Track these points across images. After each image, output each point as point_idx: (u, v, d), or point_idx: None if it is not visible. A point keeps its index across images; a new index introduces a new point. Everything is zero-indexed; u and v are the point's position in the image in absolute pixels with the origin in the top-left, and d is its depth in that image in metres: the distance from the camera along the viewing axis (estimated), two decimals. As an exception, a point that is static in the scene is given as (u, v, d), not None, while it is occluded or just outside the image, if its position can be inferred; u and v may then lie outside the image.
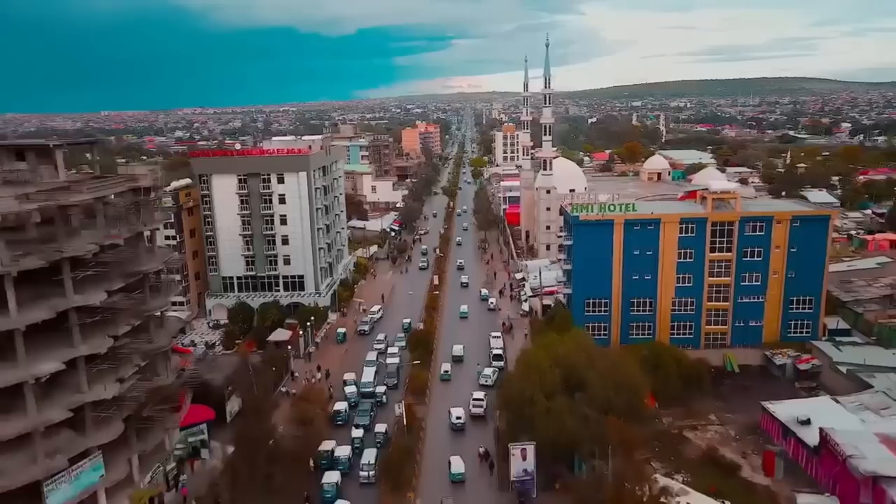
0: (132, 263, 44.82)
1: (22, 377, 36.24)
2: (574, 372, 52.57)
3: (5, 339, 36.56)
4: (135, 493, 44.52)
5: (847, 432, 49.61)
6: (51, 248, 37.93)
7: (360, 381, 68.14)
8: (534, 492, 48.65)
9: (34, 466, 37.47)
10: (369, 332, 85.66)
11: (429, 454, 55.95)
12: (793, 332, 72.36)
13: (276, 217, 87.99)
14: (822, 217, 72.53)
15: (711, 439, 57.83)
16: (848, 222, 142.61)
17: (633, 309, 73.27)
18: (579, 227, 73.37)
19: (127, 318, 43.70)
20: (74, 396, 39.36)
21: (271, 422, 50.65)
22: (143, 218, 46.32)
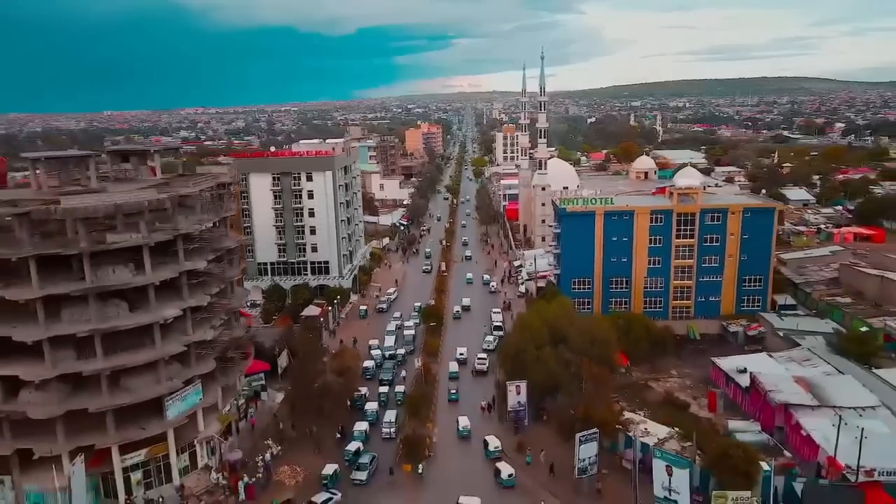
0: (218, 241, 59.39)
1: (154, 319, 50.66)
2: (558, 329, 67.11)
3: (140, 292, 50.99)
4: (220, 416, 59.05)
5: (769, 375, 64.07)
6: (170, 227, 52.39)
7: (384, 346, 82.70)
8: (526, 420, 63.04)
9: (159, 386, 51.91)
10: (387, 309, 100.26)
11: (441, 395, 70.64)
12: (745, 305, 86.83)
13: (304, 210, 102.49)
14: (768, 209, 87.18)
15: (670, 387, 72.11)
16: (819, 217, 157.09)
17: (611, 286, 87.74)
18: (566, 218, 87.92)
19: (216, 282, 58.23)
20: (184, 337, 53.77)
21: (319, 367, 65.08)
22: (225, 206, 60.89)
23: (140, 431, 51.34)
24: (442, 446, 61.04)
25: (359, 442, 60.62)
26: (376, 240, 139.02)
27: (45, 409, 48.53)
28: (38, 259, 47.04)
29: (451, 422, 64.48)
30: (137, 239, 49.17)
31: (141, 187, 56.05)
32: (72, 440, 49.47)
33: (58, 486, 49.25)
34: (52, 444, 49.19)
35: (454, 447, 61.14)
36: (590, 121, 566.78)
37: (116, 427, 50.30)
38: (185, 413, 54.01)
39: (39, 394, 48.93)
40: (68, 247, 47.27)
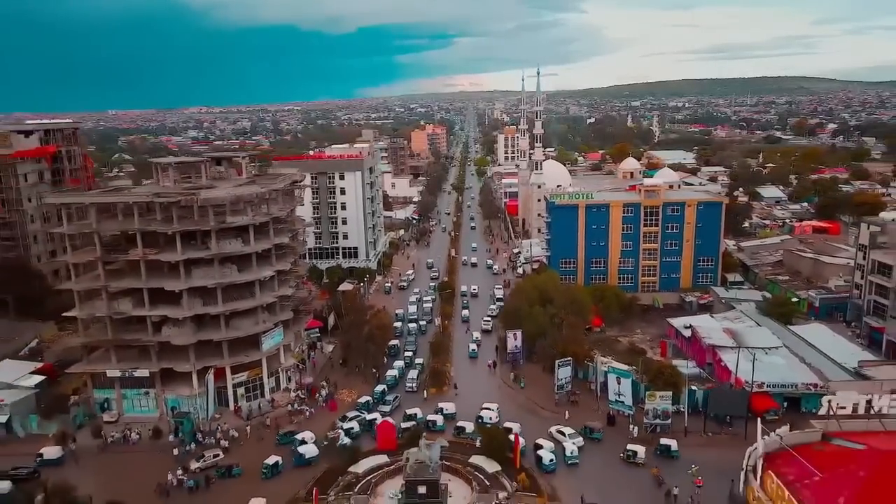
0: (292, 224, 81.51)
1: (255, 277, 72.58)
2: (546, 293, 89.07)
3: (245, 259, 72.86)
4: (294, 353, 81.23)
5: (705, 328, 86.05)
6: (265, 212, 74.40)
7: (408, 313, 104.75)
8: (521, 360, 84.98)
9: (257, 326, 73.90)
10: (407, 286, 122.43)
11: (456, 346, 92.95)
12: (700, 281, 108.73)
13: (338, 204, 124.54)
14: (717, 203, 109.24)
15: (634, 341, 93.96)
16: (787, 212, 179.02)
17: (592, 265, 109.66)
18: (555, 209, 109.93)
19: (292, 254, 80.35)
20: (273, 292, 75.76)
21: (364, 320, 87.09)
22: (296, 198, 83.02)
23: (244, 357, 73.44)
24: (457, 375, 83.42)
25: (384, 385, 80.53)
26: (393, 231, 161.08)
27: (182, 338, 70.59)
28: (180, 233, 69.05)
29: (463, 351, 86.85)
30: (247, 220, 71.19)
31: (239, 184, 78.10)
32: (199, 362, 71.55)
33: (188, 394, 71.43)
34: (186, 364, 71.24)
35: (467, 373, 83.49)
36: (589, 121, 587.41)
37: (229, 354, 72.37)
38: (273, 347, 76.13)
39: (178, 329, 70.98)
40: (202, 225, 69.27)
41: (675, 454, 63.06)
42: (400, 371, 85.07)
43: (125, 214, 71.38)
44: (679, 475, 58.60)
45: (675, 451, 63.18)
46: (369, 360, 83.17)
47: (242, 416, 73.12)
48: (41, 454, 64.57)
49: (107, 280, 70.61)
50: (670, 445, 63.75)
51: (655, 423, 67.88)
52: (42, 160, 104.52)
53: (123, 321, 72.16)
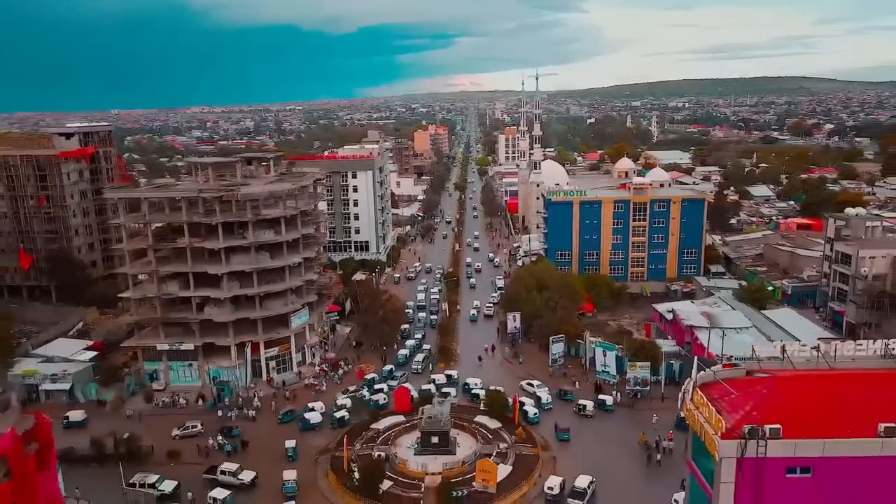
0: (316, 217, 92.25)
1: (286, 263, 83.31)
2: (542, 280, 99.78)
3: (277, 247, 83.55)
4: (318, 332, 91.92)
5: (685, 311, 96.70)
6: (294, 206, 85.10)
7: (417, 300, 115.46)
8: (520, 339, 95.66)
9: (286, 306, 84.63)
10: (415, 277, 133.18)
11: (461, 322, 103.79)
12: (685, 271, 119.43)
13: (350, 201, 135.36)
14: (700, 200, 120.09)
15: (622, 324, 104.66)
16: (774, 210, 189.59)
17: (585, 257, 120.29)
18: (552, 206, 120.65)
19: (316, 244, 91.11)
20: (300, 276, 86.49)
21: (380, 303, 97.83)
22: (318, 194, 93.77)
23: (276, 334, 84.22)
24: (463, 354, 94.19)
25: (391, 365, 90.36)
26: (399, 227, 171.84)
27: (223, 316, 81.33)
28: (222, 224, 79.78)
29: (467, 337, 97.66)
30: (279, 212, 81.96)
31: (269, 182, 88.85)
32: (237, 337, 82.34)
33: (227, 365, 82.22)
34: (226, 339, 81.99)
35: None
36: (589, 121, 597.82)
37: (263, 331, 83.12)
38: (300, 326, 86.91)
39: (218, 308, 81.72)
40: (241, 217, 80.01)
41: (609, 408, 76.11)
42: (410, 350, 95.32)
43: (172, 208, 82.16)
44: (643, 424, 70.08)
45: (610, 406, 76.32)
46: (384, 339, 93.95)
47: (274, 386, 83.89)
48: (67, 417, 74.59)
49: (156, 265, 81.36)
50: (605, 400, 76.82)
51: (636, 390, 78.63)
52: (82, 160, 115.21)
53: (170, 301, 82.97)
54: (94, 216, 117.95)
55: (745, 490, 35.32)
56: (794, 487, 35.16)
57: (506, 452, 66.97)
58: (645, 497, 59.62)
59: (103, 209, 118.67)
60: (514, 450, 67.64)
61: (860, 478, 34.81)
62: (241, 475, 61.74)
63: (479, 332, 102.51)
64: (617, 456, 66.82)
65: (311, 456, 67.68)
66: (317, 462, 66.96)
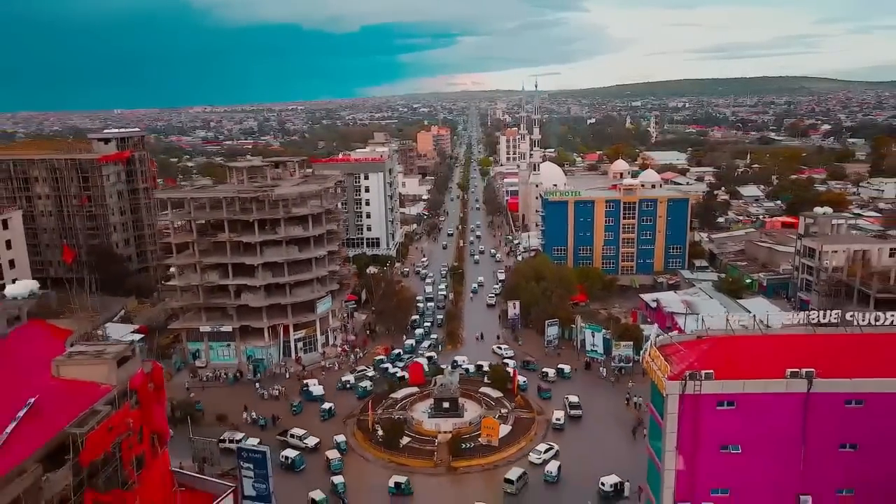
0: (337, 216, 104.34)
1: (312, 255, 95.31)
2: (539, 272, 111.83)
3: (304, 241, 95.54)
4: (339, 317, 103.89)
5: (667, 300, 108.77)
6: (319, 205, 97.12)
7: (425, 293, 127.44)
8: (519, 325, 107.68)
9: (312, 294, 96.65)
10: (422, 271, 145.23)
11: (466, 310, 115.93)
12: (671, 265, 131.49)
13: (363, 201, 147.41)
14: (684, 199, 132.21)
15: (611, 312, 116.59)
16: (761, 209, 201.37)
17: (580, 252, 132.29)
18: (549, 205, 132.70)
19: (337, 239, 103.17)
20: (325, 267, 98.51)
21: (394, 291, 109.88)
22: (339, 194, 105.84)
23: (303, 318, 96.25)
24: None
25: (399, 350, 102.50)
26: (406, 226, 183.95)
27: (257, 302, 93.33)
28: (258, 221, 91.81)
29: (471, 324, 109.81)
30: (307, 210, 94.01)
31: (295, 183, 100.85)
32: (270, 320, 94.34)
33: (261, 345, 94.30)
34: (260, 322, 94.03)
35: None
36: (590, 121, 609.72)
37: (292, 315, 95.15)
38: (324, 311, 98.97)
39: (253, 294, 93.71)
40: (274, 214, 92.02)
41: (567, 375, 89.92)
42: (418, 338, 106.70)
43: (212, 206, 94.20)
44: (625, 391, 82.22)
45: (567, 373, 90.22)
46: (398, 324, 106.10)
47: (302, 364, 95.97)
48: None
49: (199, 257, 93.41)
50: (564, 369, 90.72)
51: (620, 366, 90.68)
52: (119, 163, 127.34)
53: (210, 289, 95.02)
54: (130, 214, 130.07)
55: (686, 419, 47.40)
56: (721, 416, 47.25)
57: (506, 416, 79.03)
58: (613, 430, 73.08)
59: (137, 208, 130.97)
60: (514, 414, 79.69)
61: (770, 409, 46.90)
62: (306, 440, 73.23)
63: (482, 319, 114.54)
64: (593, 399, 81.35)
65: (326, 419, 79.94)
66: (345, 424, 79.05)
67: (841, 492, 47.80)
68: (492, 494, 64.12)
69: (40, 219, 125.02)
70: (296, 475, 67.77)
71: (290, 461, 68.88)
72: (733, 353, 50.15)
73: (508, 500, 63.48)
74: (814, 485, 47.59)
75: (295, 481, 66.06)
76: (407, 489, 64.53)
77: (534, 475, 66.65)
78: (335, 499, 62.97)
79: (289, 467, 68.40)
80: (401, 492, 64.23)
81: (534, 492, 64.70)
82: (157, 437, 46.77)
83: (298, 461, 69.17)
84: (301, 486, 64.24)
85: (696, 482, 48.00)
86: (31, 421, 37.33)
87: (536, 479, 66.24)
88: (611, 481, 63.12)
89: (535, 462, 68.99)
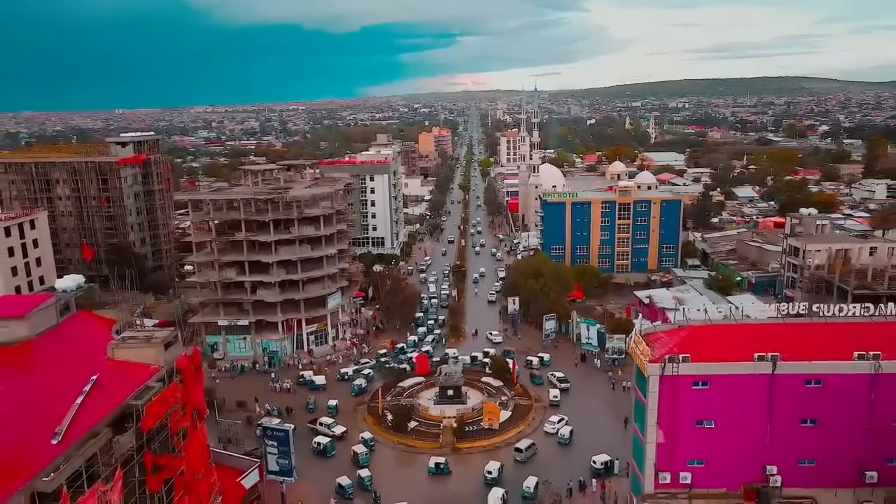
0: (346, 216, 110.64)
1: (324, 253, 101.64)
2: (538, 269, 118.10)
3: (316, 240, 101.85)
4: (348, 312, 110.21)
5: (658, 296, 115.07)
6: (331, 206, 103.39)
7: (429, 291, 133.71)
8: (518, 319, 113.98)
9: (323, 290, 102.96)
10: (425, 269, 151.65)
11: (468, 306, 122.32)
12: (664, 263, 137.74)
13: (368, 201, 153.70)
14: (677, 201, 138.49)
15: (606, 308, 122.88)
16: (755, 209, 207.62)
17: (577, 251, 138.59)
18: (547, 206, 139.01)
19: (346, 238, 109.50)
20: (335, 265, 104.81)
21: (399, 288, 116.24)
22: (348, 196, 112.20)
23: (315, 313, 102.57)
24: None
25: (402, 344, 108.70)
26: (410, 225, 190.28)
27: (272, 297, 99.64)
28: (273, 221, 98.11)
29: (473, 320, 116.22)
30: (319, 211, 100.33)
31: (307, 185, 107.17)
32: (283, 315, 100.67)
33: (276, 338, 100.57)
34: (274, 316, 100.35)
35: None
36: (590, 122, 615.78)
37: (305, 310, 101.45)
38: (335, 307, 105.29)
39: (268, 290, 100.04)
40: (289, 214, 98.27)
41: (547, 363, 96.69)
42: (420, 336, 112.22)
43: (229, 207, 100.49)
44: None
45: (548, 361, 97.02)
46: (403, 320, 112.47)
47: (314, 356, 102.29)
48: None
49: (217, 255, 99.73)
50: (543, 357, 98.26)
51: (613, 358, 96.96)
52: (136, 166, 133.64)
53: (227, 285, 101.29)
54: (146, 215, 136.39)
55: (666, 397, 53.74)
56: (696, 394, 53.58)
57: (506, 403, 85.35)
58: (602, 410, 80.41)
59: (152, 208, 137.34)
60: (513, 401, 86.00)
61: (739, 388, 53.24)
62: (334, 428, 78.81)
63: (483, 314, 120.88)
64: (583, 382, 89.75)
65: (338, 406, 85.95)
66: (356, 410, 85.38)
67: (803, 462, 54.11)
68: (469, 472, 70.74)
69: (60, 219, 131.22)
70: (326, 460, 73.78)
71: (321, 447, 74.75)
72: (708, 339, 56.48)
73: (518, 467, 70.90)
74: (778, 456, 53.89)
75: (325, 466, 72.15)
76: (445, 469, 70.42)
77: (547, 443, 75.41)
78: (361, 490, 67.55)
79: (320, 453, 74.48)
80: (440, 472, 70.09)
81: (539, 459, 72.71)
82: (196, 412, 53.25)
83: (329, 447, 74.89)
84: (330, 471, 69.98)
85: (675, 454, 54.33)
86: (95, 394, 43.71)
87: (543, 448, 74.32)
88: (601, 459, 69.41)
89: (549, 431, 77.91)
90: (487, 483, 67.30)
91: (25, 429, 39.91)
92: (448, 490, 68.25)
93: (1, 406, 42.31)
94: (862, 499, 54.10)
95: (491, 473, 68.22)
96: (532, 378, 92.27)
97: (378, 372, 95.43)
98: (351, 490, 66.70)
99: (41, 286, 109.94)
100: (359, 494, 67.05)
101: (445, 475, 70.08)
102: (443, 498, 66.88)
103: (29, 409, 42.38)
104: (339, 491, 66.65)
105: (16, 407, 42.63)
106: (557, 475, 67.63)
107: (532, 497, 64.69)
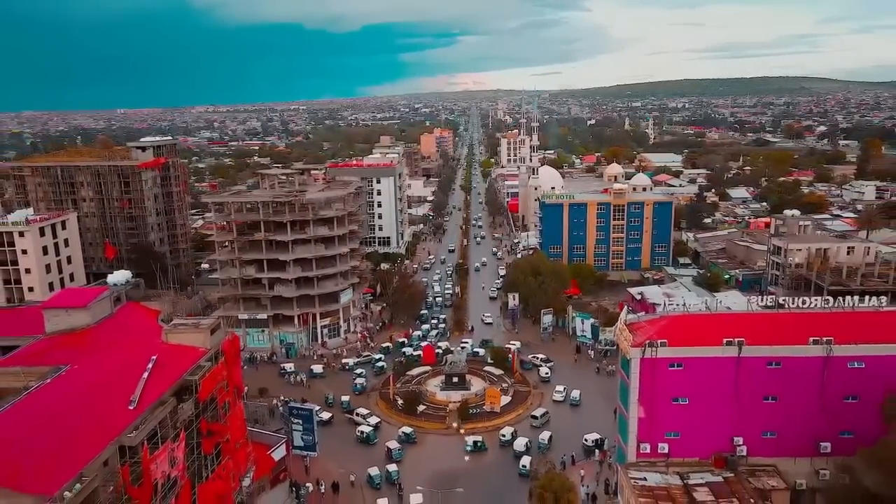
0: (357, 217, 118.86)
1: (337, 252, 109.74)
2: (537, 268, 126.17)
3: (329, 240, 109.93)
4: (358, 307, 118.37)
5: (650, 292, 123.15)
6: (343, 208, 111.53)
7: (433, 289, 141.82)
8: (518, 315, 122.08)
9: (336, 286, 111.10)
10: (429, 268, 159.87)
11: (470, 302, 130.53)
12: (657, 262, 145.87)
13: (375, 202, 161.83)
14: (669, 202, 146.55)
15: (601, 303, 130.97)
16: (747, 210, 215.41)
17: (574, 250, 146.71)
18: (546, 207, 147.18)
19: (357, 238, 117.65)
20: (347, 263, 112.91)
21: (406, 285, 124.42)
22: (358, 198, 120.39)
23: (328, 307, 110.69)
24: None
25: (403, 339, 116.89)
26: (413, 225, 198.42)
27: (289, 293, 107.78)
28: (290, 222, 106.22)
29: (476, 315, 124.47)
30: (332, 213, 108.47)
31: (321, 188, 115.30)
32: (299, 309, 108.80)
33: (292, 331, 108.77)
34: (291, 310, 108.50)
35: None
36: (590, 122, 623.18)
37: (319, 304, 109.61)
38: (346, 302, 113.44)
39: (285, 286, 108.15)
40: (305, 216, 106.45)
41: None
42: (424, 332, 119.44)
43: (249, 209, 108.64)
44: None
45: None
46: (410, 314, 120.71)
47: (328, 348, 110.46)
48: None
49: (238, 253, 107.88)
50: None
51: (606, 349, 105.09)
52: (155, 169, 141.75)
53: (247, 281, 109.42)
54: (164, 215, 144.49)
55: (646, 377, 61.86)
56: (673, 375, 61.69)
57: (507, 389, 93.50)
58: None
59: (170, 209, 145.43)
60: (513, 388, 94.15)
61: (710, 369, 61.34)
62: (369, 419, 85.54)
63: (485, 310, 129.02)
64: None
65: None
66: (369, 396, 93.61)
67: (766, 434, 62.24)
68: (491, 447, 78.90)
69: (84, 219, 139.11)
70: (367, 448, 79.78)
71: (364, 435, 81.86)
72: (684, 327, 64.65)
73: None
74: (744, 429, 62.02)
75: (362, 453, 78.37)
76: (483, 447, 77.92)
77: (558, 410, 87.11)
78: (389, 484, 72.43)
79: (364, 441, 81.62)
80: (477, 449, 77.74)
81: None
82: (236, 389, 61.55)
83: (372, 436, 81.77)
84: (365, 460, 76.01)
85: (654, 427, 62.46)
86: (157, 371, 51.93)
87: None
88: (592, 437, 77.60)
89: (557, 399, 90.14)
90: (502, 445, 78.82)
91: (106, 398, 48.11)
92: (480, 461, 77.03)
93: (82, 380, 50.60)
94: (817, 467, 62.22)
95: (505, 436, 79.46)
96: (522, 364, 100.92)
97: (387, 362, 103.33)
98: (379, 481, 72.31)
99: (71, 282, 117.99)
100: (386, 486, 72.45)
101: (482, 452, 78.01)
102: (479, 465, 76.04)
103: (105, 383, 50.57)
104: (369, 481, 72.60)
105: (94, 381, 50.87)
106: (572, 434, 79.44)
107: (546, 448, 77.33)
